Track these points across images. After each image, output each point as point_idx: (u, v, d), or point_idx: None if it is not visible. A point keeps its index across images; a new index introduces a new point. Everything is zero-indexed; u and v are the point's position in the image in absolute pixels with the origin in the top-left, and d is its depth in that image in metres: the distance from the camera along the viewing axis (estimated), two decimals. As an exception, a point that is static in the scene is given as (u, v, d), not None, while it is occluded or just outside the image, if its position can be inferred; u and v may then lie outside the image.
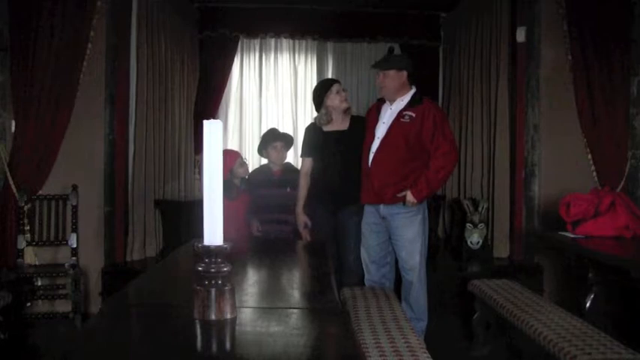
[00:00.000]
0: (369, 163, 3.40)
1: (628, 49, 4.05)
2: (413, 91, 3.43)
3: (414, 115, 3.33)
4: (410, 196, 3.28)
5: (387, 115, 3.41)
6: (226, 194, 4.66)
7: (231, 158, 3.94)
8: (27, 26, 3.88)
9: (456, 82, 5.52)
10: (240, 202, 3.94)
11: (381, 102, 3.53)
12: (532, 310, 2.81)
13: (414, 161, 3.33)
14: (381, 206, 3.40)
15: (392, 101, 3.43)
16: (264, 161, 4.33)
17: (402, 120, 3.35)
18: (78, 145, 4.05)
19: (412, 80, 3.46)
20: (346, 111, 3.67)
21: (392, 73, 3.37)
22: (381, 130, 3.40)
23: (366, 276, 3.52)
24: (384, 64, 3.42)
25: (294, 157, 5.46)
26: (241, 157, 4.13)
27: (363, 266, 3.53)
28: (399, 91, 3.40)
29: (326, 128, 3.66)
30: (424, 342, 2.51)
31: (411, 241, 3.37)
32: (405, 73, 3.39)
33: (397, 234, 3.39)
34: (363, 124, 3.59)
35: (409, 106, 3.38)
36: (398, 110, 3.39)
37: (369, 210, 3.48)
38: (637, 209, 3.42)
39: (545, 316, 2.72)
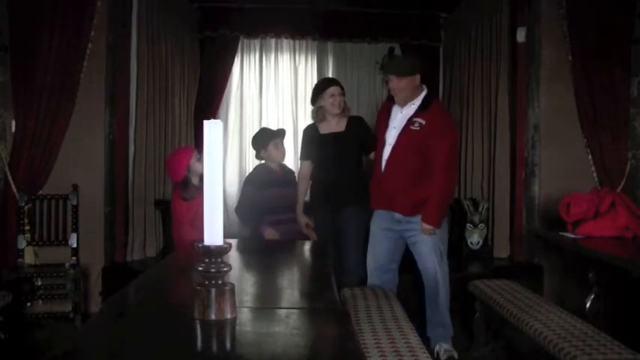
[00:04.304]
0: (382, 169, 3.31)
1: (628, 49, 4.05)
2: (424, 93, 3.31)
3: (423, 122, 3.21)
4: (425, 226, 3.19)
5: (398, 120, 3.30)
6: (183, 194, 4.33)
7: (186, 155, 3.60)
8: (27, 26, 3.87)
9: (456, 82, 5.52)
10: (201, 202, 3.65)
11: (391, 102, 3.40)
12: (532, 310, 2.81)
13: (426, 169, 3.21)
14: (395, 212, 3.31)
15: (403, 105, 3.31)
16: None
17: (411, 127, 3.23)
18: (78, 145, 4.05)
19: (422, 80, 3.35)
20: (343, 113, 3.66)
21: (407, 78, 3.24)
22: (392, 136, 3.29)
23: (369, 280, 3.45)
24: (399, 69, 3.26)
25: (294, 158, 5.46)
26: (197, 152, 3.70)
27: (367, 270, 3.47)
28: (412, 95, 3.29)
29: (323, 130, 3.66)
30: (432, 345, 2.47)
31: (430, 248, 3.27)
32: (418, 77, 3.28)
33: (413, 242, 3.31)
34: (362, 125, 3.57)
35: (419, 110, 3.26)
36: (408, 116, 3.27)
37: (381, 213, 3.38)
38: (637, 209, 3.42)
39: (545, 316, 2.71)
